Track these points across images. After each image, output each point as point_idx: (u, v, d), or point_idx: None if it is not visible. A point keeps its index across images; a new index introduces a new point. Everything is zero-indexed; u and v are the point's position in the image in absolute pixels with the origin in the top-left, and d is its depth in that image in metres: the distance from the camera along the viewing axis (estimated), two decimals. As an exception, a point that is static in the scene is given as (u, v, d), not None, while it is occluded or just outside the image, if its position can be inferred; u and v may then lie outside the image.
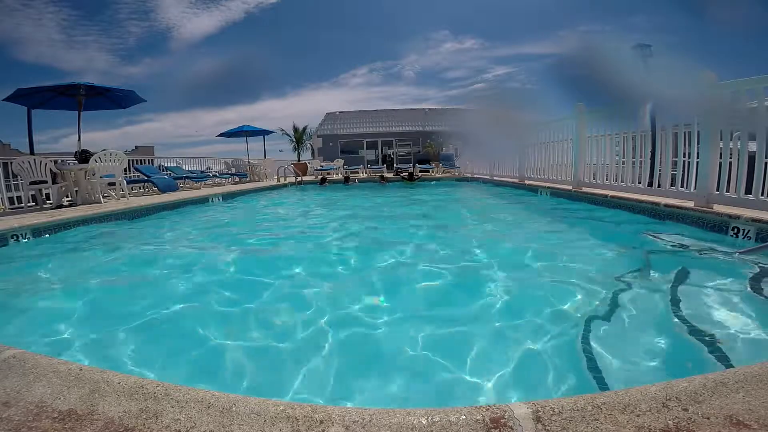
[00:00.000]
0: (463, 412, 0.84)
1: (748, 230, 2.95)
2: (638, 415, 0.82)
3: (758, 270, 2.35)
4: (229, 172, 12.31)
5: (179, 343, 1.79)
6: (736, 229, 3.05)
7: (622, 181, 5.01)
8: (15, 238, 3.68)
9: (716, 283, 2.24)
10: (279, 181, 12.17)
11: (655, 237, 3.35)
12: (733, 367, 1.35)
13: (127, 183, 7.22)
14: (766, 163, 3.10)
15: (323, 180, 12.34)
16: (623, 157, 5.08)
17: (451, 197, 8.45)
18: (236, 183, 11.53)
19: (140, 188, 8.42)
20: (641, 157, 4.60)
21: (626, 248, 3.12)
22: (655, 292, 2.14)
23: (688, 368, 1.45)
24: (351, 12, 61.46)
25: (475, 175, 11.66)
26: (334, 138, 24.43)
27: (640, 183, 4.64)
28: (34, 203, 6.12)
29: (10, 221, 4.05)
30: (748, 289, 2.12)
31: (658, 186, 4.34)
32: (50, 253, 3.53)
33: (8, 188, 6.10)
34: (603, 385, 1.36)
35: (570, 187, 6.00)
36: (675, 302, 1.98)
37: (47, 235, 3.99)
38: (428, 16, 59.60)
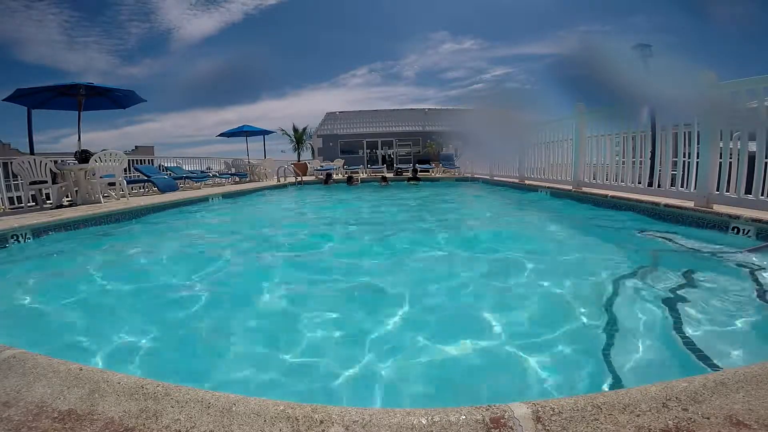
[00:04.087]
0: (463, 412, 0.84)
1: (748, 230, 2.95)
2: (638, 415, 0.82)
3: (758, 270, 2.35)
4: (229, 172, 12.31)
5: (183, 345, 1.79)
6: (736, 229, 3.05)
7: (622, 181, 5.01)
8: (15, 238, 3.68)
9: (716, 283, 2.24)
10: (279, 181, 12.17)
11: (654, 237, 3.35)
12: (733, 367, 1.35)
13: (127, 183, 7.21)
14: (766, 163, 3.10)
15: (328, 177, 12.25)
16: (623, 157, 5.08)
17: (456, 197, 8.46)
18: (236, 183, 11.53)
19: (140, 188, 8.42)
20: (641, 157, 4.60)
21: (626, 248, 3.12)
22: (655, 292, 2.13)
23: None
24: (351, 12, 61.56)
25: (475, 175, 11.66)
26: (334, 138, 24.44)
27: (640, 183, 4.63)
28: (34, 203, 6.12)
29: (10, 221, 4.05)
30: (748, 289, 2.12)
31: (658, 186, 4.34)
32: (50, 253, 3.53)
33: (8, 188, 6.10)
34: (603, 385, 1.36)
35: (570, 187, 6.00)
36: (675, 302, 1.98)
37: (47, 235, 3.99)
38: (427, 16, 59.68)
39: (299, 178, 12.59)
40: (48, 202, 5.87)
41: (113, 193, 6.84)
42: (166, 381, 1.01)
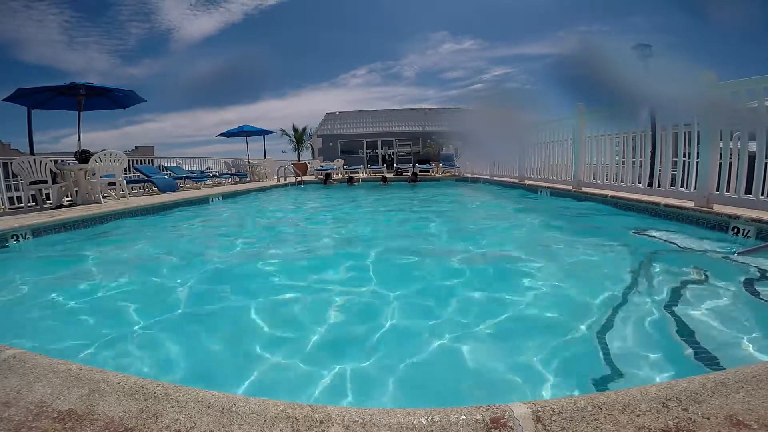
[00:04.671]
0: (463, 412, 0.84)
1: (748, 230, 2.95)
2: (638, 415, 0.82)
3: (757, 270, 2.35)
4: (229, 172, 12.31)
5: (184, 347, 1.79)
6: (736, 229, 3.05)
7: (622, 181, 5.01)
8: (15, 238, 3.68)
9: (715, 283, 2.24)
10: (279, 181, 12.17)
11: (654, 237, 3.35)
12: (733, 367, 1.35)
13: (127, 183, 7.22)
14: (766, 163, 3.10)
15: (327, 177, 12.19)
16: (623, 157, 5.08)
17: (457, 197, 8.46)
18: (236, 183, 11.53)
19: (140, 188, 8.42)
20: (641, 157, 4.60)
21: (625, 249, 3.12)
22: (654, 292, 2.14)
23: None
24: (351, 12, 61.66)
25: (475, 175, 11.66)
26: (334, 138, 24.44)
27: (640, 183, 4.63)
28: (34, 203, 6.12)
29: (10, 221, 4.05)
30: (747, 289, 2.12)
31: (658, 186, 4.34)
32: (50, 253, 3.53)
33: (8, 188, 6.10)
34: (602, 385, 1.36)
35: (570, 187, 6.00)
36: (674, 303, 1.98)
37: (47, 235, 3.99)
38: (427, 16, 59.77)
39: (299, 178, 12.59)
40: (48, 202, 5.87)
41: (113, 193, 6.84)
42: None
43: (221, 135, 14.58)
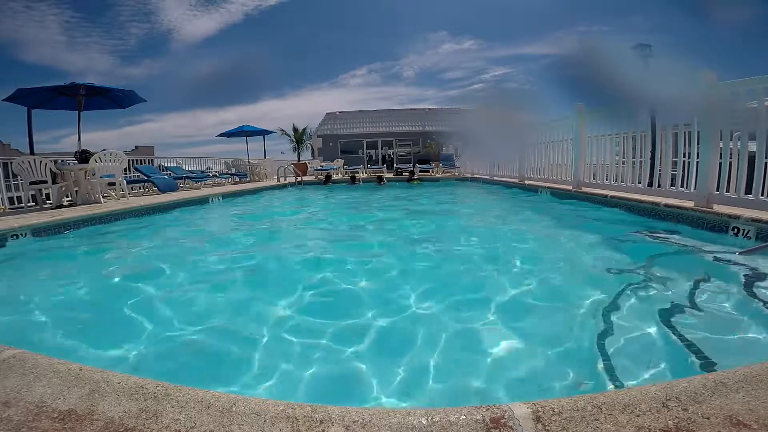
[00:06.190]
0: (463, 412, 0.84)
1: (748, 230, 2.95)
2: (638, 415, 0.82)
3: (757, 270, 2.35)
4: (229, 172, 12.31)
5: (184, 347, 1.79)
6: (736, 229, 3.05)
7: (622, 181, 5.01)
8: (15, 237, 3.68)
9: (715, 283, 2.24)
10: (279, 181, 12.16)
11: (654, 237, 3.35)
12: (733, 367, 1.35)
13: (127, 183, 7.22)
14: (766, 163, 3.10)
15: (328, 178, 12.15)
16: (623, 157, 5.08)
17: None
18: (236, 183, 11.53)
19: (140, 188, 8.42)
20: (641, 157, 4.60)
21: (625, 249, 3.12)
22: (654, 292, 2.14)
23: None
24: (351, 12, 61.72)
25: (475, 175, 11.66)
26: (334, 138, 24.45)
27: (640, 183, 4.63)
28: (34, 203, 6.12)
29: (10, 221, 4.05)
30: (747, 289, 2.12)
31: (658, 186, 4.34)
32: (50, 253, 3.53)
33: (8, 188, 6.10)
34: (602, 385, 1.36)
35: (570, 188, 6.00)
36: (674, 303, 1.98)
37: (47, 235, 3.99)
38: (427, 16, 59.83)
39: (299, 179, 12.59)
40: (48, 202, 5.87)
41: (113, 193, 6.84)
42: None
43: (221, 135, 14.60)
